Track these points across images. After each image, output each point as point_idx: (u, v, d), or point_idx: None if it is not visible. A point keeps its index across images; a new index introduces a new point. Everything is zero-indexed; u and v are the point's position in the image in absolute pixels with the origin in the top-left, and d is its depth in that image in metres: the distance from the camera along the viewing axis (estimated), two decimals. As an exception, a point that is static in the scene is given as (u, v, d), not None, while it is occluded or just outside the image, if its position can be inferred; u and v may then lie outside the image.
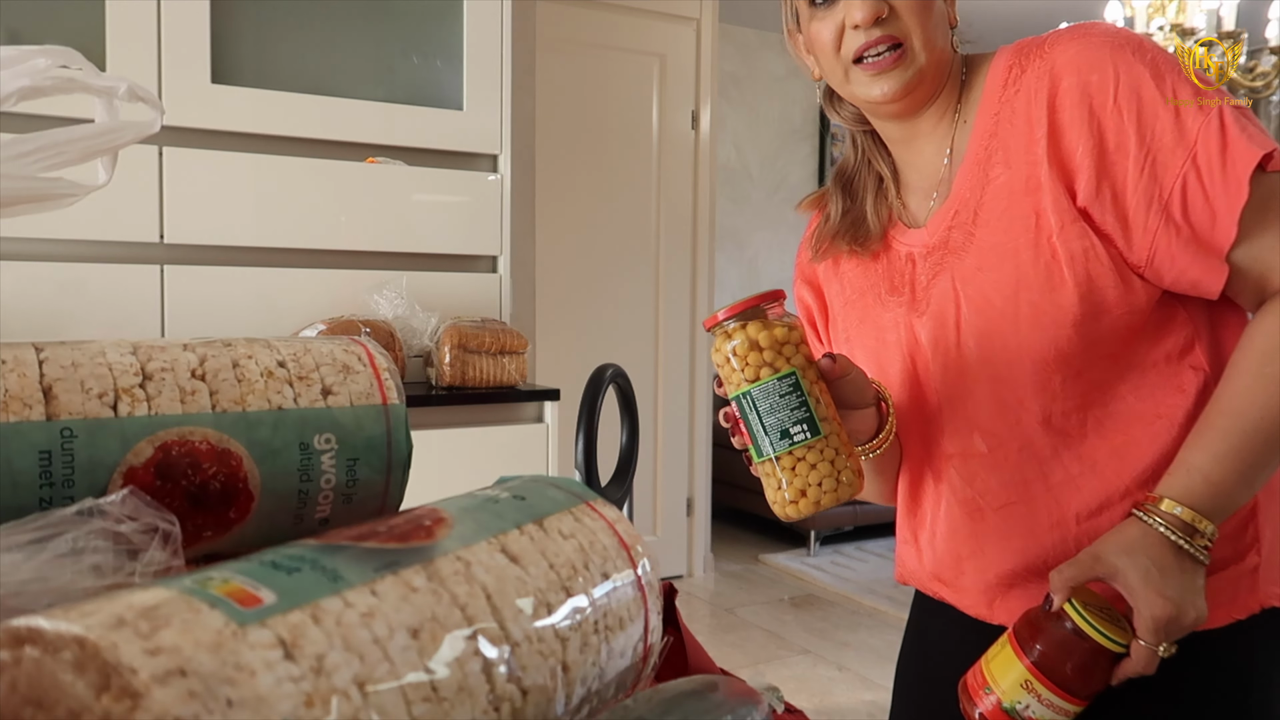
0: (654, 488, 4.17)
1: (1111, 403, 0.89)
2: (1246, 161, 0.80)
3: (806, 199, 1.08)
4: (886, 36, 0.87)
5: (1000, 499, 0.94)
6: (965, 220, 0.91)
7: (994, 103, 0.91)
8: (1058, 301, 0.86)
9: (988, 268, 0.89)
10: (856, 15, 0.86)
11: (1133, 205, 0.83)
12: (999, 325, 0.89)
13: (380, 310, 1.91)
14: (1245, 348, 0.84)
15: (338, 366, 0.49)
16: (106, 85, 0.54)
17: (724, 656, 3.23)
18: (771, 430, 0.81)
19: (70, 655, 0.26)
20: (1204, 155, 0.81)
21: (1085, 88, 0.84)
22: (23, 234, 1.71)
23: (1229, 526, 0.87)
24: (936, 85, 0.92)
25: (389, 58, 2.08)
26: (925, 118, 0.94)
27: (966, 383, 0.93)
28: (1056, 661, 0.80)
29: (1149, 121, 0.82)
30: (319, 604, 0.31)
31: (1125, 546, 0.81)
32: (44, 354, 0.42)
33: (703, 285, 4.23)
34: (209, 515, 0.44)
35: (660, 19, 4.06)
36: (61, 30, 1.77)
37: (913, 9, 0.87)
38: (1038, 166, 0.86)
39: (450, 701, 0.32)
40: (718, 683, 0.47)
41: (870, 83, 0.89)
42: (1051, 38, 0.89)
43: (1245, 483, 0.82)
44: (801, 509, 0.82)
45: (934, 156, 0.96)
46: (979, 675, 0.85)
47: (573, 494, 0.46)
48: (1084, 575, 0.81)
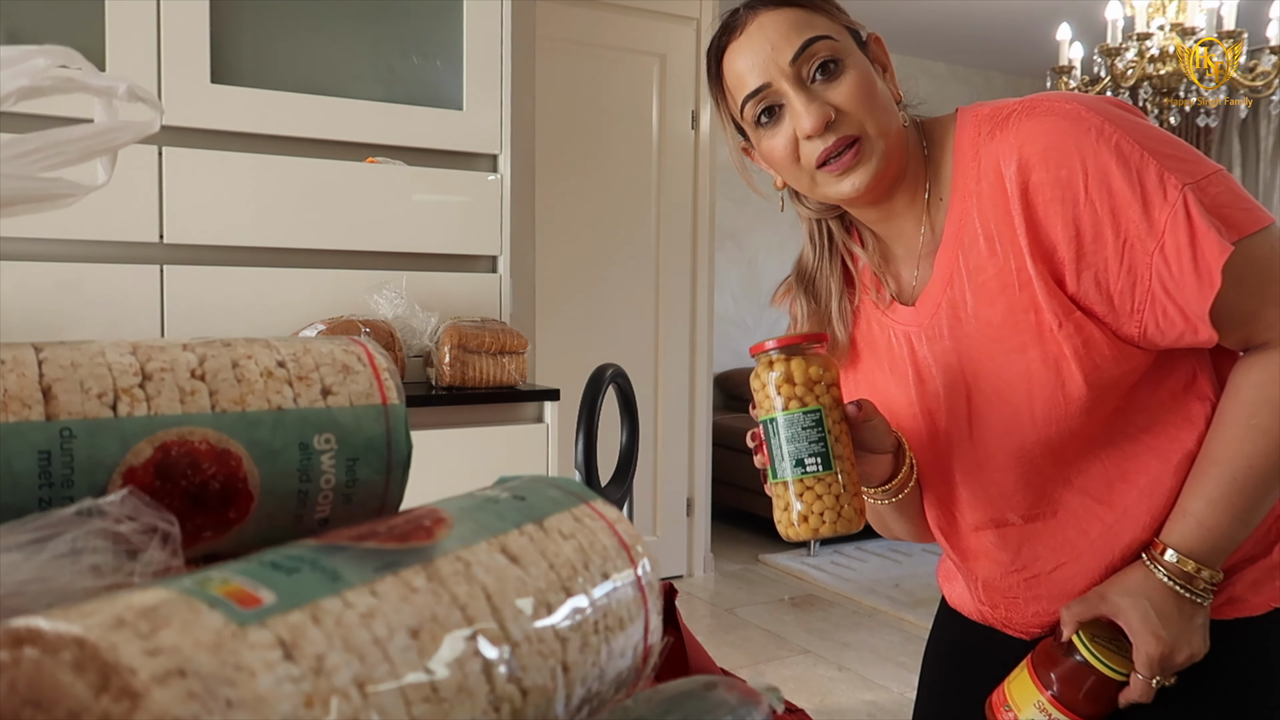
0: (654, 488, 4.17)
1: (1127, 446, 0.94)
2: (1216, 255, 0.82)
3: (777, 293, 1.07)
4: (842, 139, 0.87)
5: (1051, 563, 0.98)
6: (960, 306, 0.92)
7: (967, 181, 0.91)
8: (1068, 395, 0.89)
9: (999, 365, 0.91)
10: (805, 126, 0.86)
11: (1117, 291, 0.87)
12: (1017, 420, 0.92)
13: (380, 310, 1.91)
14: (1233, 399, 0.89)
15: (337, 366, 0.49)
16: (106, 85, 0.54)
17: (724, 656, 3.23)
18: (789, 456, 0.86)
19: (69, 656, 0.26)
20: (1172, 247, 0.84)
21: (1056, 183, 0.85)
22: (22, 234, 1.71)
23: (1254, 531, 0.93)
24: (901, 163, 0.92)
25: (389, 58, 2.08)
26: (898, 197, 0.94)
27: (986, 469, 0.97)
28: (1069, 689, 0.89)
29: (1121, 211, 0.84)
30: (319, 604, 0.31)
31: (1128, 589, 0.89)
32: (43, 354, 0.42)
33: (702, 285, 4.23)
34: (208, 515, 0.44)
35: (660, 19, 4.06)
36: (61, 30, 1.77)
37: (856, 101, 0.87)
38: (1024, 259, 0.88)
39: (450, 702, 0.32)
40: (718, 683, 0.47)
41: (839, 182, 0.89)
42: (1016, 115, 0.88)
43: (1241, 525, 0.88)
44: (801, 533, 0.86)
45: (913, 232, 0.96)
46: (1001, 694, 0.94)
47: (573, 494, 0.46)
48: (1090, 613, 0.89)
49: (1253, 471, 0.87)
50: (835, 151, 0.87)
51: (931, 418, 0.97)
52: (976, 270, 0.91)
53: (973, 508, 0.99)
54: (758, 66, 0.87)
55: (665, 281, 4.15)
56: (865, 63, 0.89)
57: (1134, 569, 0.90)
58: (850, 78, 0.87)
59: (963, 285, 0.92)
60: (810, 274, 1.02)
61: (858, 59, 0.89)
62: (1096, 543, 0.95)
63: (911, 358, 0.97)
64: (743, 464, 4.83)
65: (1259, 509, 0.89)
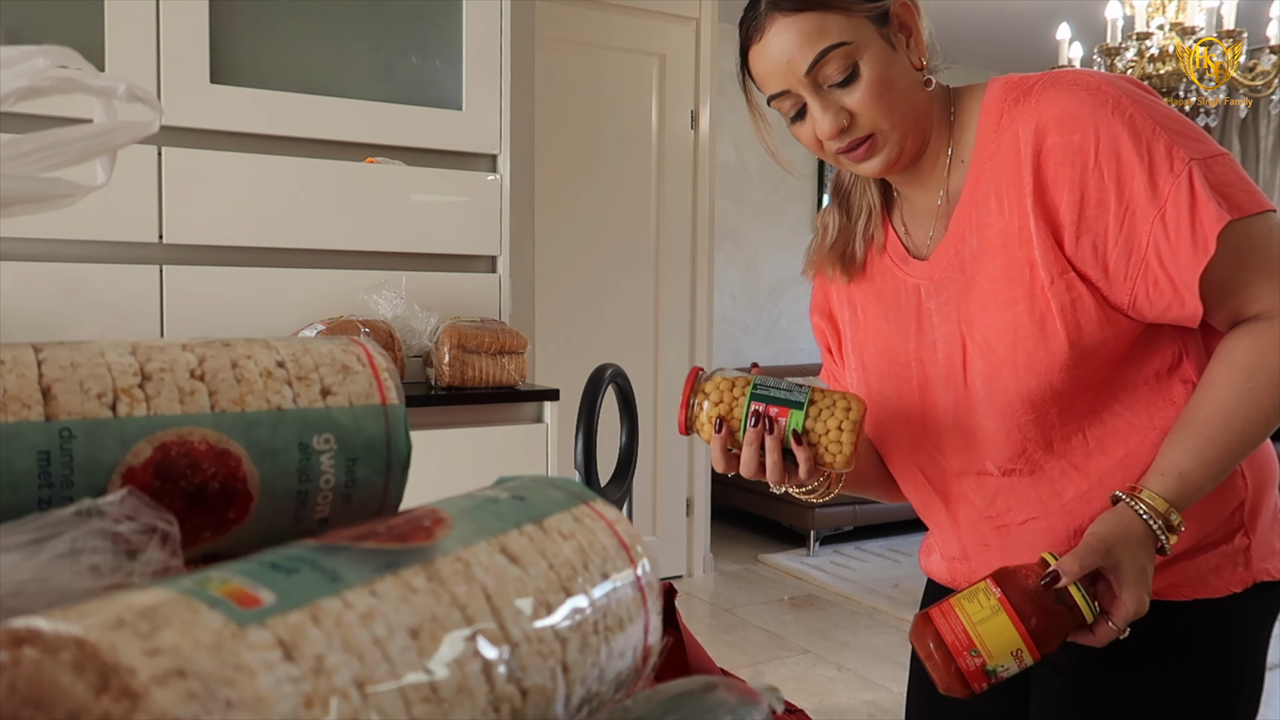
0: (653, 488, 4.17)
1: (1109, 421, 0.97)
2: (1213, 224, 0.86)
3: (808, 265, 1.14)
4: (854, 141, 0.94)
5: (1022, 516, 1.01)
6: (967, 261, 0.98)
7: (988, 144, 0.96)
8: (1050, 349, 0.93)
9: (990, 315, 0.96)
10: (822, 131, 0.93)
11: (1113, 258, 0.90)
12: (1000, 370, 0.96)
13: (379, 310, 1.91)
14: (1226, 363, 0.90)
15: (337, 366, 0.49)
16: (105, 85, 0.53)
17: (724, 656, 3.23)
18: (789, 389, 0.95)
19: (69, 656, 0.26)
20: (1172, 215, 0.87)
21: (1068, 147, 0.90)
22: (22, 234, 1.71)
23: (1219, 512, 0.97)
24: (922, 137, 0.97)
25: (388, 58, 2.08)
26: (923, 162, 1.00)
27: (974, 417, 1.00)
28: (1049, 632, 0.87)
29: (1126, 180, 0.88)
30: (318, 604, 0.31)
31: (1128, 542, 0.88)
32: (43, 354, 0.42)
33: (702, 284, 4.23)
34: (208, 515, 0.44)
35: (660, 19, 4.06)
36: (60, 30, 1.77)
37: (870, 104, 0.92)
38: (1027, 219, 0.92)
39: (450, 702, 0.32)
40: (717, 683, 0.47)
41: (858, 166, 0.97)
42: (1039, 85, 0.94)
43: (1214, 482, 0.91)
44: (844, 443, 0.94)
45: (934, 192, 1.01)
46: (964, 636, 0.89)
47: (572, 494, 0.46)
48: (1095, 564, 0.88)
49: (1244, 436, 0.89)
50: (849, 150, 0.94)
51: (924, 365, 1.02)
52: (984, 227, 0.96)
53: (957, 453, 1.03)
54: (777, 74, 0.93)
55: (665, 281, 4.15)
56: (881, 56, 0.92)
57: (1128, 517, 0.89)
58: (865, 82, 0.91)
59: (972, 241, 0.97)
60: (846, 188, 1.09)
61: (874, 55, 0.91)
62: (1069, 505, 0.99)
63: (916, 309, 1.02)
64: (742, 464, 4.83)
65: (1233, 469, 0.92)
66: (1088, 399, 0.96)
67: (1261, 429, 0.90)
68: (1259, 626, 1.00)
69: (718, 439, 0.95)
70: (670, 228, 4.14)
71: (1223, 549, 0.97)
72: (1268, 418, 0.89)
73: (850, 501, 4.50)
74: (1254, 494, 0.98)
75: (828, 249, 1.08)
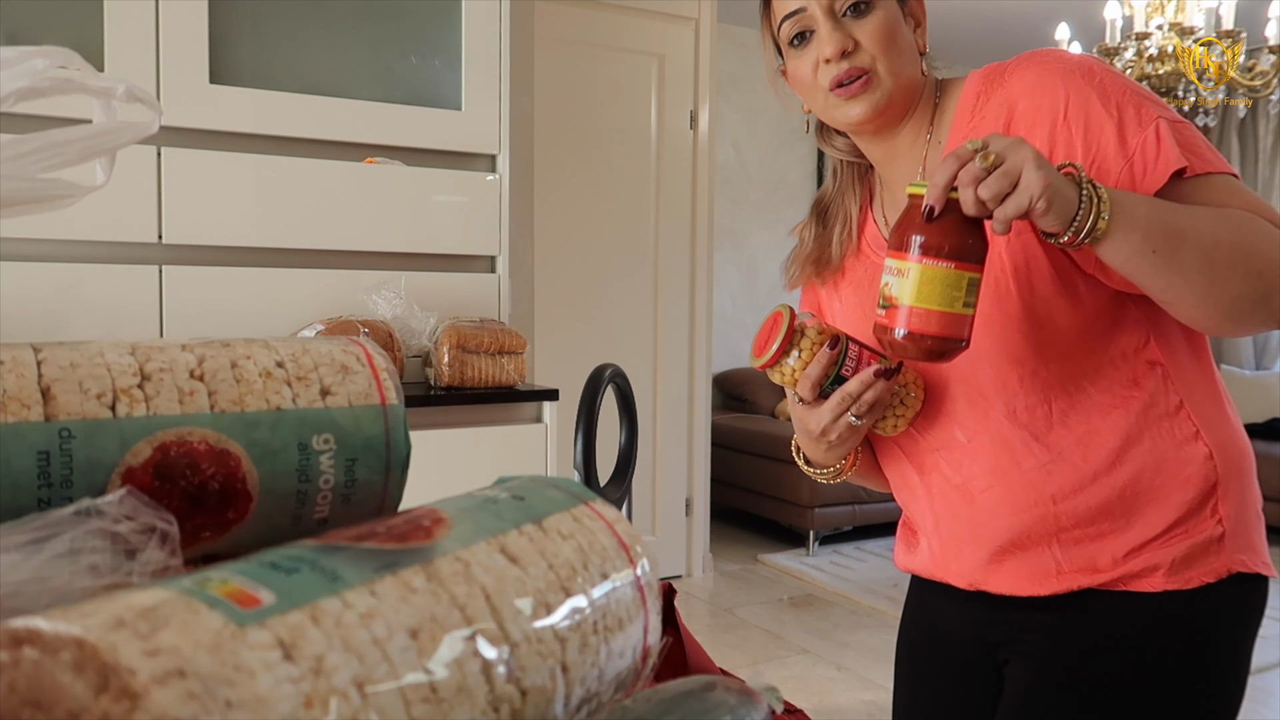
0: (653, 488, 4.17)
1: (1073, 395, 0.98)
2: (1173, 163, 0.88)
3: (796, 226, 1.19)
4: (854, 69, 0.98)
5: (983, 483, 1.02)
6: None
7: (963, 124, 1.01)
8: (1005, 310, 0.96)
9: None
10: (825, 50, 0.97)
11: None
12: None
13: (379, 310, 1.91)
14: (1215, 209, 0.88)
15: (336, 367, 0.49)
16: (105, 86, 0.54)
17: (723, 656, 3.23)
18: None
19: (69, 656, 0.26)
20: (1139, 161, 0.89)
21: (1038, 110, 0.94)
22: (21, 234, 1.71)
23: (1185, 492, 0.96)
24: (907, 106, 1.02)
25: (387, 58, 2.08)
26: (902, 136, 1.04)
27: (942, 383, 1.03)
28: (960, 245, 0.83)
29: (1094, 135, 0.91)
30: (318, 604, 0.31)
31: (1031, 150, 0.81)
32: (42, 354, 0.42)
33: (701, 284, 4.23)
34: (207, 515, 0.44)
35: (659, 19, 4.06)
36: (59, 31, 1.77)
37: (876, 40, 0.97)
38: None
39: (449, 702, 0.32)
40: (717, 683, 0.47)
41: (844, 106, 0.99)
42: (1013, 64, 0.99)
43: (1151, 240, 0.83)
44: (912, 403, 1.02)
45: (911, 174, 1.05)
46: (917, 317, 0.86)
47: (572, 494, 0.46)
48: (965, 154, 0.82)
49: (1199, 233, 0.84)
50: (846, 79, 0.98)
51: None
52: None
53: (929, 423, 1.05)
54: None
55: (664, 281, 4.15)
56: (895, 14, 0.99)
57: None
58: (877, 19, 0.97)
59: None
60: (826, 203, 1.14)
61: (890, 6, 0.99)
62: (1028, 475, 0.99)
63: None
64: (742, 464, 4.83)
65: (1177, 258, 0.84)
66: (1050, 369, 0.97)
67: (1215, 246, 0.85)
68: (1235, 622, 0.99)
69: (829, 354, 0.94)
70: (669, 228, 4.14)
71: (1194, 536, 0.96)
72: (1228, 239, 0.85)
73: (850, 501, 4.50)
74: (1225, 479, 0.97)
75: (804, 257, 1.13)
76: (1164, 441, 0.96)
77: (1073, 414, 0.98)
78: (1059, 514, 0.98)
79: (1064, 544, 0.99)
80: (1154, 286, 0.87)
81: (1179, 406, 0.97)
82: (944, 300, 0.84)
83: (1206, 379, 1.01)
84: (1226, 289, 0.85)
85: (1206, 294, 0.86)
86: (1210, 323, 0.89)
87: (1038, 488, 0.99)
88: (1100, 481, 0.97)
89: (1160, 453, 0.96)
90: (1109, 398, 0.97)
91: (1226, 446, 0.98)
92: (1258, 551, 1.00)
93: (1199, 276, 0.85)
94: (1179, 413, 0.97)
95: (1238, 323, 0.89)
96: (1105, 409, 0.97)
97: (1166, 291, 0.87)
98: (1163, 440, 0.96)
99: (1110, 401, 0.97)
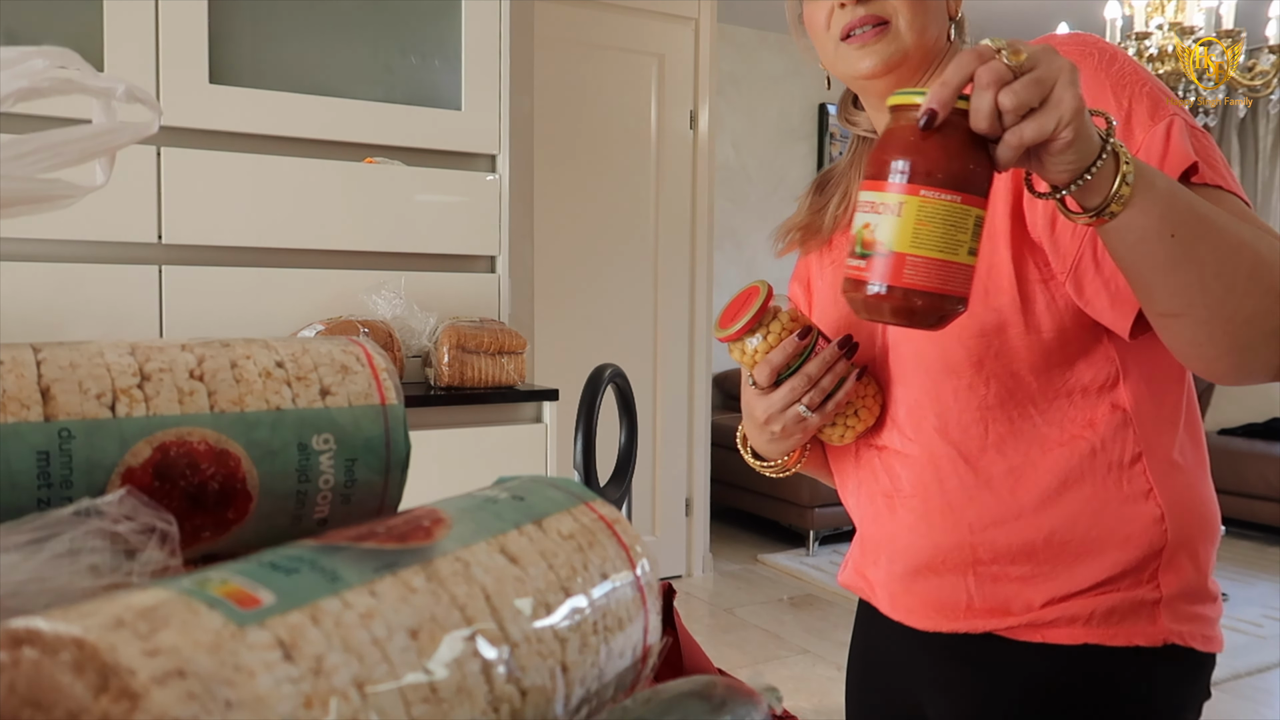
0: (653, 488, 4.17)
1: (1015, 421, 0.89)
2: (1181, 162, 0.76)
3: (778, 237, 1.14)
4: (870, 15, 0.89)
5: (906, 494, 0.97)
6: None
7: None
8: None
9: None
10: None
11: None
12: (900, 335, 0.94)
13: (378, 310, 1.91)
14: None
15: (336, 367, 0.49)
16: (104, 86, 0.53)
17: (723, 656, 3.23)
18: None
19: (69, 656, 0.26)
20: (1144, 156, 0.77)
21: None
22: (21, 235, 1.71)
23: (1127, 561, 0.87)
24: (922, 69, 0.93)
25: (387, 58, 2.08)
26: None
27: (889, 383, 0.98)
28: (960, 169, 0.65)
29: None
30: (318, 605, 0.31)
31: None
32: (42, 354, 0.42)
33: (701, 285, 4.23)
34: (207, 516, 0.44)
35: (658, 19, 4.06)
36: (59, 31, 1.77)
37: None
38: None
39: (449, 702, 0.32)
40: (716, 683, 0.47)
41: (854, 56, 0.91)
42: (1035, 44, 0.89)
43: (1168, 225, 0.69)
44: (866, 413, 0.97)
45: None
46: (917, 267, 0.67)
47: (571, 494, 0.46)
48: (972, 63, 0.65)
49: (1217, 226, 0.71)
50: (859, 25, 0.90)
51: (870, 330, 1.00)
52: None
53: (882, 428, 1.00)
54: None
55: (664, 281, 4.15)
56: None
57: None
58: None
59: None
60: (828, 176, 1.08)
61: None
62: (950, 496, 0.92)
63: None
64: (742, 464, 4.82)
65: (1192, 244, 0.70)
66: (992, 389, 0.89)
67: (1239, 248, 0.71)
68: (1170, 698, 0.89)
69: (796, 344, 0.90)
70: (669, 228, 4.14)
71: (1130, 592, 0.88)
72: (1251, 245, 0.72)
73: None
74: (1175, 548, 0.88)
75: (794, 223, 1.09)
76: (1108, 493, 0.87)
77: (1011, 442, 0.89)
78: (976, 544, 0.91)
79: (980, 579, 0.92)
80: (1162, 287, 0.72)
81: (1135, 459, 0.87)
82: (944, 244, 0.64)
83: (1187, 438, 0.91)
84: (1245, 304, 0.71)
85: (1221, 306, 0.72)
86: (1213, 349, 0.74)
87: (957, 511, 0.92)
88: (1025, 520, 0.89)
89: (1100, 504, 0.87)
90: (1056, 432, 0.88)
91: (1185, 513, 0.88)
92: (1200, 626, 0.90)
93: (1216, 281, 0.71)
94: (1134, 466, 0.87)
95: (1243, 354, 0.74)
96: (1048, 444, 0.88)
97: (1175, 297, 0.72)
98: (1107, 492, 0.87)
99: (1056, 437, 0.88)
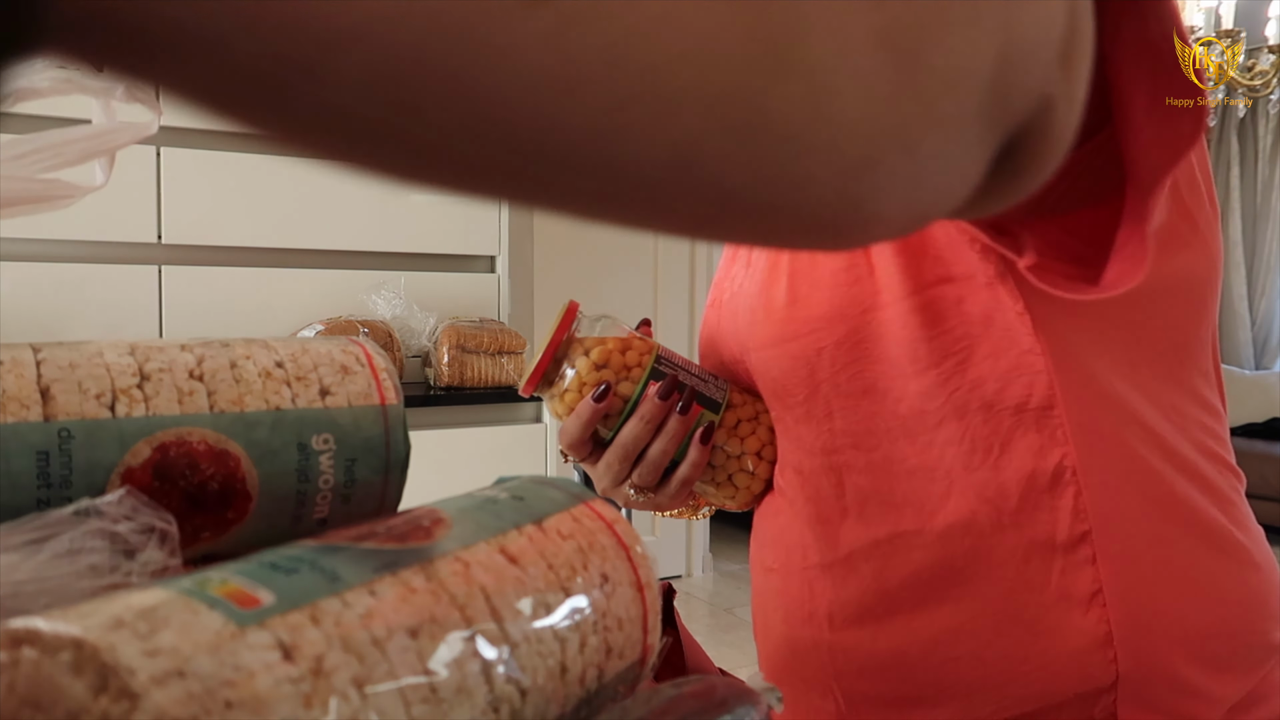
0: (653, 488, 4.17)
1: (879, 474, 0.61)
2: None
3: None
4: None
5: (770, 561, 0.74)
6: None
7: None
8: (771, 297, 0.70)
9: None
10: None
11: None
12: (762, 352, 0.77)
13: (378, 310, 1.91)
14: None
15: (336, 367, 0.49)
16: (104, 86, 0.53)
17: (723, 656, 3.22)
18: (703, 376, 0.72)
19: (68, 656, 0.26)
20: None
21: None
22: (21, 235, 1.71)
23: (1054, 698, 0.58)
24: None
25: (387, 58, 2.08)
26: None
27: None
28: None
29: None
30: (318, 605, 0.31)
31: None
32: (41, 354, 0.42)
33: (701, 285, 4.23)
34: (207, 516, 0.44)
35: (658, 19, 4.06)
36: (59, 30, 1.77)
37: None
38: None
39: (449, 702, 0.32)
40: (716, 683, 0.47)
41: None
42: None
43: None
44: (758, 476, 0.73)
45: None
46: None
47: (571, 494, 0.46)
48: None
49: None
50: None
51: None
52: None
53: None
54: None
55: (664, 281, 4.15)
56: None
57: None
58: None
59: None
60: None
61: None
62: (810, 574, 0.66)
63: None
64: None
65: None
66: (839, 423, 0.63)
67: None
68: None
69: (592, 408, 0.65)
70: (669, 228, 4.14)
71: None
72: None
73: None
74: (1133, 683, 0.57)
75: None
76: (1026, 593, 0.56)
77: (873, 506, 0.60)
78: (834, 648, 0.64)
79: (848, 698, 0.63)
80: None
81: (1080, 540, 0.55)
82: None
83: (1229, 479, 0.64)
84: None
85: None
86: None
87: (815, 597, 0.64)
88: (899, 623, 0.59)
89: (1014, 611, 0.56)
90: (943, 490, 0.57)
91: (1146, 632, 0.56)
92: None
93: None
94: (1075, 551, 0.55)
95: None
96: (932, 509, 0.57)
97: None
98: (1024, 589, 0.56)
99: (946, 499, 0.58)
